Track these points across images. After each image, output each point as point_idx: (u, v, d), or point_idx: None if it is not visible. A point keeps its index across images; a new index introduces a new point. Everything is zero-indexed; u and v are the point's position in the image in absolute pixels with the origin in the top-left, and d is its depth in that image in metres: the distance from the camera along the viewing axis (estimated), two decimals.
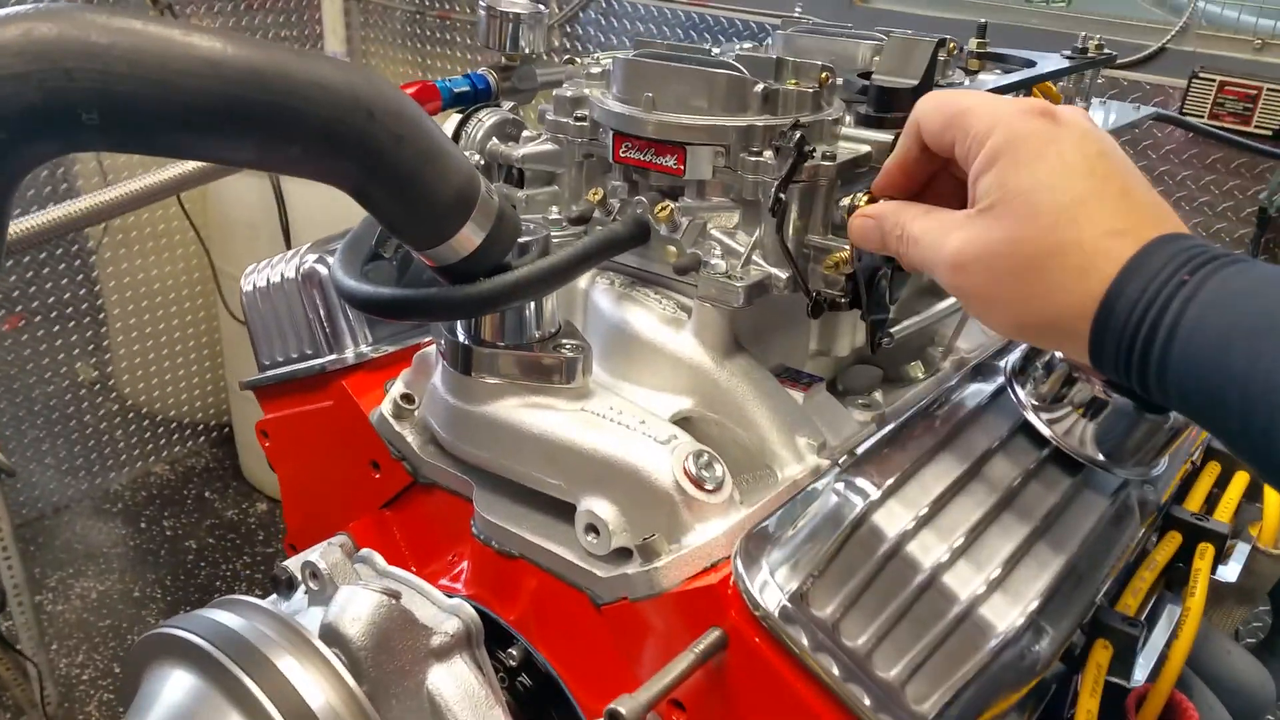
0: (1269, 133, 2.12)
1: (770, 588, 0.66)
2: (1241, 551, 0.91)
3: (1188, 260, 0.53)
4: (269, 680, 0.62)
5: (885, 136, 0.81)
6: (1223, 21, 2.22)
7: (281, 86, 0.57)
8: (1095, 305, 0.55)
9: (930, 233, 0.63)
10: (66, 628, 3.00)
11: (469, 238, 0.69)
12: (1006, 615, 0.60)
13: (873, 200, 0.71)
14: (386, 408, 0.89)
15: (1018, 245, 0.57)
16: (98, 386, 3.42)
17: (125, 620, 3.03)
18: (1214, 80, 2.16)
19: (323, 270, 0.96)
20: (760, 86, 0.78)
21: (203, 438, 3.75)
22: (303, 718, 0.60)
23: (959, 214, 0.62)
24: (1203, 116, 2.17)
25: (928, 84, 0.77)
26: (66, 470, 3.40)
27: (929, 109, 0.65)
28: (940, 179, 0.70)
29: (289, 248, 3.04)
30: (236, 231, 3.06)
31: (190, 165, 1.48)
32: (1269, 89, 2.11)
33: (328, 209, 2.81)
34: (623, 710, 0.61)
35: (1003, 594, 0.61)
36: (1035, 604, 0.61)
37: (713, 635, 0.67)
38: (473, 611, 0.72)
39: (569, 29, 2.94)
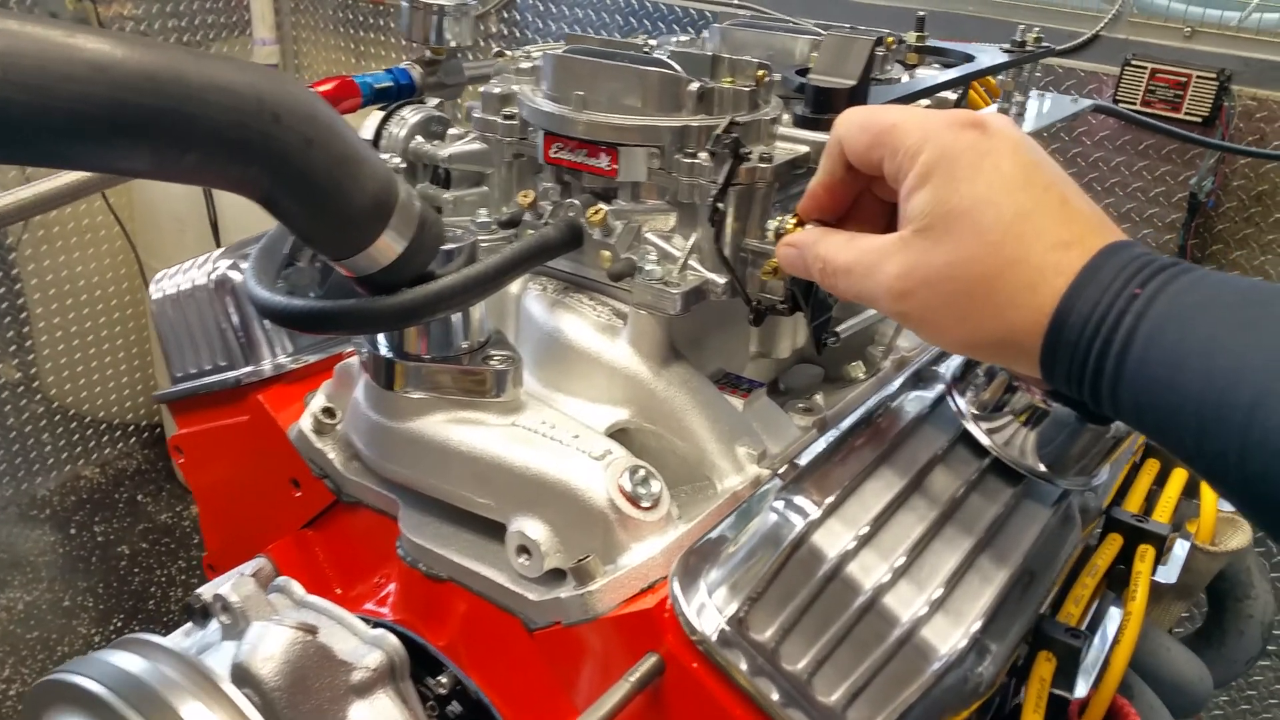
0: (1198, 120, 2.15)
1: (708, 611, 0.64)
2: (1180, 550, 0.90)
3: (1137, 271, 0.52)
4: None
5: (824, 137, 0.78)
6: (1154, 9, 2.24)
7: (176, 90, 0.53)
8: (1046, 321, 0.53)
9: (861, 263, 0.61)
10: None
11: (388, 246, 0.66)
12: (949, 636, 0.58)
13: (800, 224, 0.68)
14: (306, 423, 0.85)
15: (964, 266, 0.55)
16: (21, 388, 3.29)
17: (55, 631, 2.93)
18: (1145, 68, 2.18)
19: (236, 277, 0.91)
20: (695, 85, 0.75)
21: (133, 439, 3.63)
22: None
23: (890, 238, 0.59)
24: (1135, 104, 2.19)
25: (865, 84, 0.75)
26: None
27: (852, 127, 0.63)
28: (865, 199, 0.67)
29: (218, 243, 2.97)
30: (163, 226, 2.97)
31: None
32: (1198, 76, 2.14)
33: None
34: None
35: (945, 614, 0.59)
36: (978, 624, 0.59)
37: (649, 661, 0.65)
38: (397, 642, 0.68)
39: (505, 14, 2.88)
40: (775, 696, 0.61)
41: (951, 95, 0.99)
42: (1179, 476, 0.97)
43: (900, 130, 0.59)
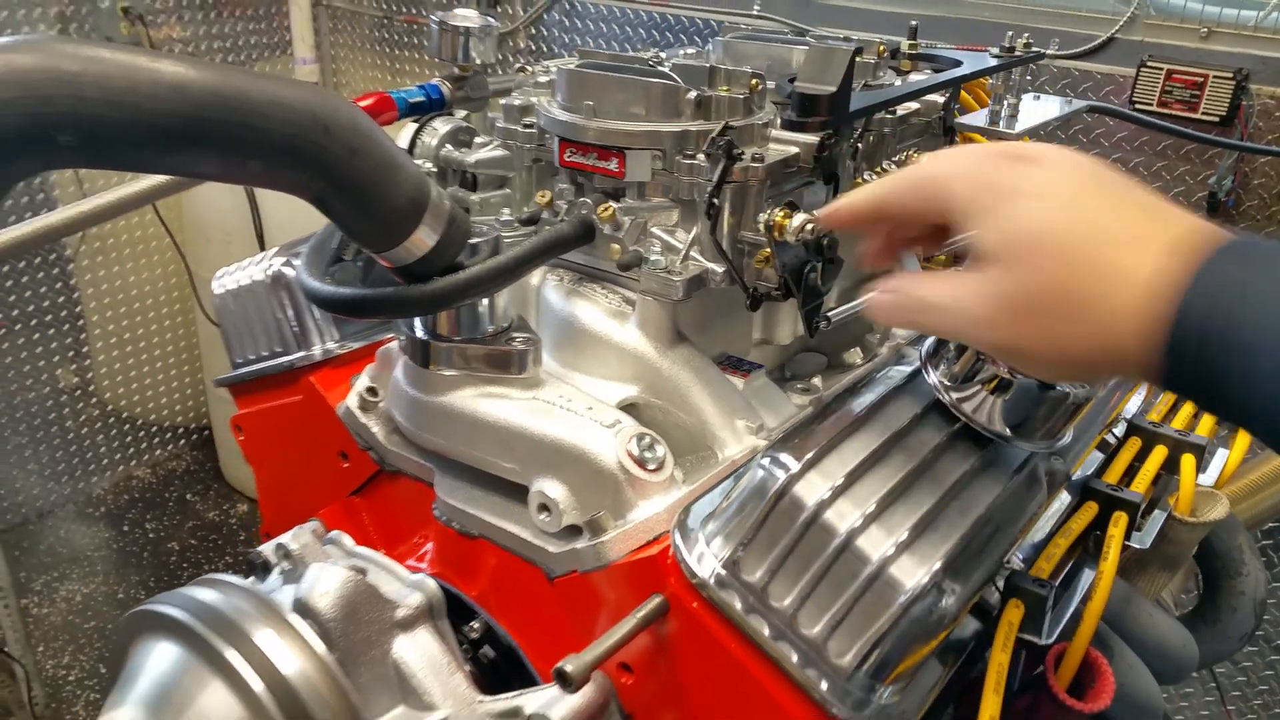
0: (1215, 119, 2.17)
1: (706, 557, 0.72)
2: (1156, 520, 0.97)
3: (1239, 259, 0.50)
4: (247, 650, 0.67)
5: (811, 138, 0.87)
6: (1170, 10, 2.25)
7: (241, 106, 0.62)
8: (1150, 328, 0.52)
9: (950, 300, 0.60)
10: (52, 630, 3.03)
11: (422, 240, 0.74)
12: (914, 574, 0.66)
13: (789, 214, 0.76)
14: (352, 401, 0.94)
15: (1048, 289, 0.55)
16: (78, 392, 3.45)
17: (110, 622, 3.07)
18: (1161, 69, 2.20)
19: (290, 272, 1.02)
20: (693, 94, 0.84)
21: (183, 440, 3.78)
22: (279, 683, 0.66)
23: (974, 276, 0.59)
24: (1151, 104, 2.22)
25: (846, 90, 0.83)
26: (49, 475, 3.43)
27: (901, 192, 0.64)
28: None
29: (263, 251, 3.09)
30: (211, 237, 3.10)
31: (163, 176, 1.52)
32: (1214, 76, 2.15)
33: (299, 212, 2.85)
34: (569, 669, 0.67)
35: (911, 555, 0.67)
36: (939, 564, 0.67)
37: (654, 601, 0.73)
38: (435, 585, 0.77)
39: (534, 30, 2.99)
40: (766, 631, 0.69)
41: (939, 98, 1.07)
42: (1159, 453, 1.04)
43: (947, 183, 0.60)
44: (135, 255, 3.36)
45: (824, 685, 0.67)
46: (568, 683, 0.67)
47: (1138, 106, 2.21)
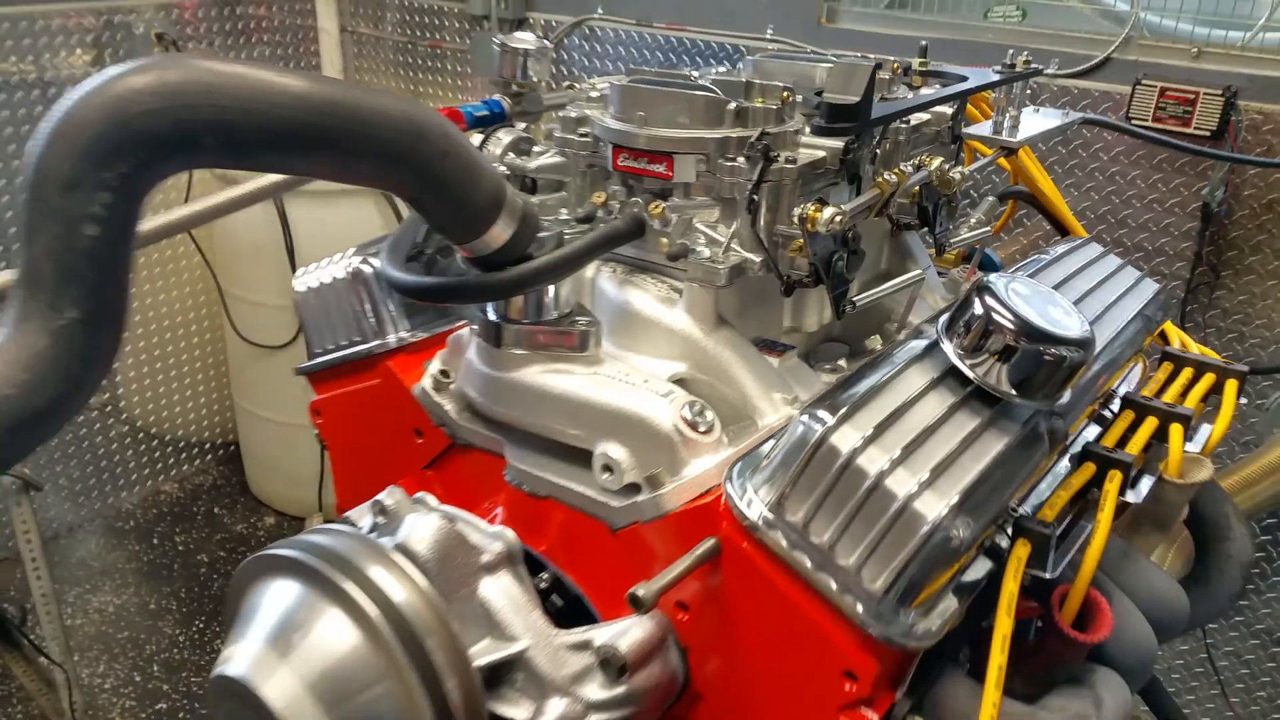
0: (1207, 133, 2.27)
1: (754, 502, 0.83)
2: (1147, 480, 1.08)
3: None
4: (362, 582, 0.77)
5: (837, 143, 0.99)
6: (1162, 31, 2.36)
7: (354, 114, 0.72)
8: None
9: None
10: (87, 640, 3.11)
11: (499, 233, 0.85)
12: (935, 507, 0.77)
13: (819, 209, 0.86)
14: (427, 382, 1.06)
15: None
16: (108, 409, 3.54)
17: (142, 632, 3.15)
18: (1155, 86, 2.31)
19: (368, 269, 1.13)
20: (733, 105, 0.96)
21: (210, 455, 3.87)
22: (391, 610, 0.76)
23: None
24: (1147, 120, 2.33)
25: (868, 100, 0.95)
26: (80, 491, 3.52)
27: None
28: None
29: (294, 268, 3.17)
30: (242, 254, 3.19)
31: (199, 206, 1.65)
32: (1205, 93, 2.25)
33: (329, 230, 2.97)
34: (641, 593, 0.78)
35: (931, 492, 0.78)
36: (956, 499, 0.78)
37: (709, 543, 0.84)
38: (513, 535, 0.88)
39: (555, 54, 3.12)
40: (809, 564, 0.80)
41: (948, 109, 1.19)
42: (1150, 423, 1.15)
43: None
44: (165, 273, 3.46)
45: (860, 608, 0.78)
46: (640, 605, 0.78)
47: (1133, 122, 2.31)
